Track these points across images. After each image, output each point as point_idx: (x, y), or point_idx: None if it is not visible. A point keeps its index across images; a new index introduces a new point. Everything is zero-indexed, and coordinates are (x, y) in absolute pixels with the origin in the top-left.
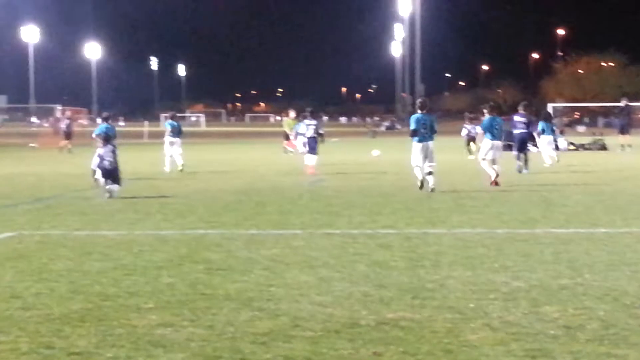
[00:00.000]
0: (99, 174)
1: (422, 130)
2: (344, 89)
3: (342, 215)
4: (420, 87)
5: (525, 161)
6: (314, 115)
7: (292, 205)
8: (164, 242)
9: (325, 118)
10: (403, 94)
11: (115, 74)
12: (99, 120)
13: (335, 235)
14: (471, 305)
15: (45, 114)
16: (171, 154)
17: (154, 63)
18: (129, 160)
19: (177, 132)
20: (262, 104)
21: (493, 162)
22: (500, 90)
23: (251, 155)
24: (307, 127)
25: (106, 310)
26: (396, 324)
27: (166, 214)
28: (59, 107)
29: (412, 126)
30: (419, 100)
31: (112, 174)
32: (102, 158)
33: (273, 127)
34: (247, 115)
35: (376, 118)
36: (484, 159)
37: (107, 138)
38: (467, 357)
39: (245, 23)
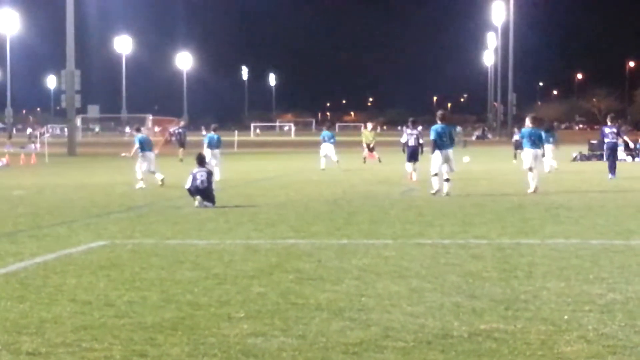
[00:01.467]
0: (191, 193)
1: (442, 140)
2: (435, 98)
3: (434, 225)
4: (512, 96)
5: (613, 169)
6: (415, 125)
7: (383, 214)
8: (255, 252)
9: (420, 127)
10: (495, 103)
11: (205, 84)
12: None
13: (427, 245)
14: (566, 317)
15: (137, 123)
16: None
17: (244, 73)
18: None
19: (214, 144)
20: (352, 114)
21: (531, 169)
22: (594, 99)
23: (342, 165)
24: (409, 136)
25: (198, 319)
26: (489, 335)
27: (257, 223)
28: (150, 117)
29: (432, 136)
30: (439, 112)
31: (204, 192)
32: (194, 177)
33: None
34: (337, 125)
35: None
36: (529, 169)
37: (202, 160)
38: None
39: (335, 33)
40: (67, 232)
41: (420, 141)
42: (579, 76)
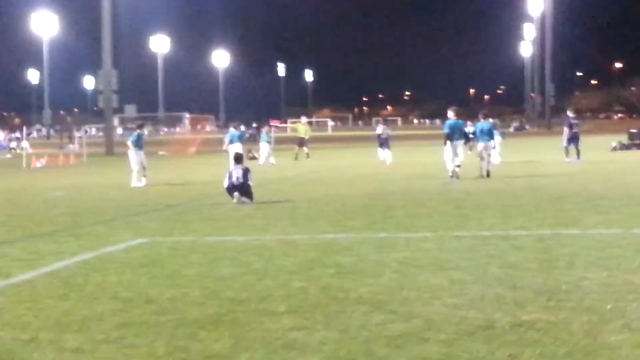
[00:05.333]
0: (229, 191)
1: (455, 133)
2: (472, 91)
3: (473, 217)
4: (550, 87)
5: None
6: (385, 121)
7: (422, 208)
8: (294, 247)
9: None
10: (532, 95)
11: (241, 81)
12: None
13: (466, 238)
14: (609, 306)
15: (174, 122)
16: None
17: (280, 69)
18: (255, 165)
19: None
20: (389, 108)
21: (482, 158)
22: (633, 88)
23: (378, 159)
24: (383, 129)
25: (239, 315)
26: (532, 325)
27: (295, 218)
28: (187, 115)
29: (446, 130)
30: (453, 108)
31: (240, 188)
32: (230, 175)
33: (400, 130)
34: (374, 119)
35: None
36: (483, 158)
37: (239, 159)
38: (607, 359)
39: (371, 27)
40: (106, 231)
41: (389, 133)
42: (618, 65)
